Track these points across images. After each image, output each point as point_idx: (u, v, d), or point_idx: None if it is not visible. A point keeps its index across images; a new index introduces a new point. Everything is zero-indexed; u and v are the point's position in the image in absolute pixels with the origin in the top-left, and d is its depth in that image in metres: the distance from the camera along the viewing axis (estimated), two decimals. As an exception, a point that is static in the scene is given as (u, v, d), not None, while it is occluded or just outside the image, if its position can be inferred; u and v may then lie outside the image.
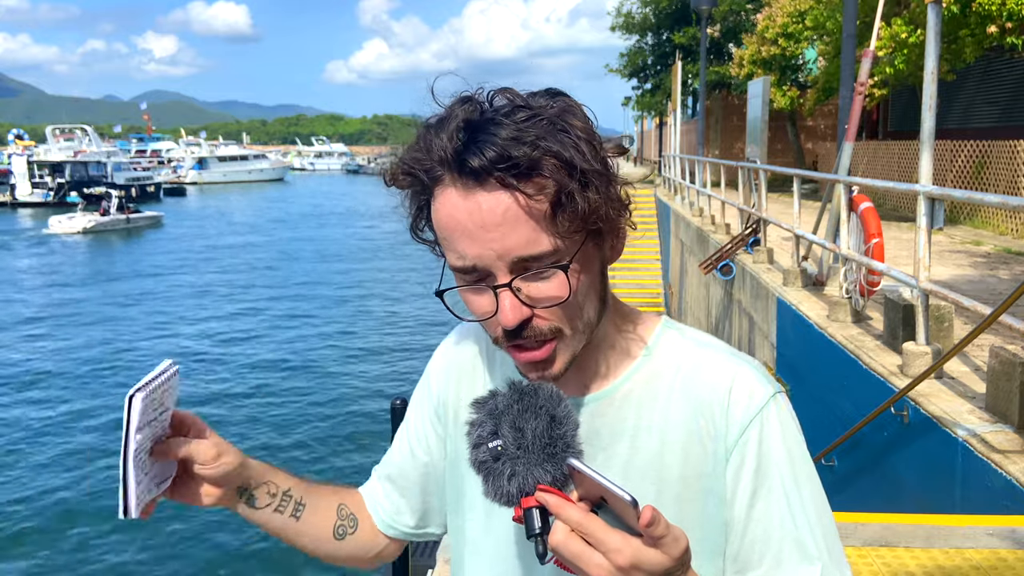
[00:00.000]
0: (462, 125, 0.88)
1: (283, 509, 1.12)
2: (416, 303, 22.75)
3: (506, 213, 0.87)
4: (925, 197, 5.14)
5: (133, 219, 41.52)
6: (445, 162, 0.88)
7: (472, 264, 0.90)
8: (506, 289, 0.90)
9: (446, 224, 0.91)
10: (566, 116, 0.89)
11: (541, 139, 0.86)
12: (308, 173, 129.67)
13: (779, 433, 0.96)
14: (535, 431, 0.84)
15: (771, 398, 0.97)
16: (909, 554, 2.88)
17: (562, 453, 0.83)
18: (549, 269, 0.89)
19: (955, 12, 11.34)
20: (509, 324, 0.90)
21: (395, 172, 0.95)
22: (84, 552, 8.96)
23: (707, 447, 0.97)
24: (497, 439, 0.85)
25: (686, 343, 1.03)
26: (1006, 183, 12.76)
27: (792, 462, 0.96)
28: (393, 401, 4.65)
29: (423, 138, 0.91)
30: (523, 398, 0.86)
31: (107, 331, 19.31)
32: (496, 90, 0.91)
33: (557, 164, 0.86)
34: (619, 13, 35.14)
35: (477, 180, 0.87)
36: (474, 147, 0.86)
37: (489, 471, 0.85)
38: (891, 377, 4.98)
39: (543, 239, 0.88)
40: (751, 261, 9.91)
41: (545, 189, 0.87)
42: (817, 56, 21.24)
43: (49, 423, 12.94)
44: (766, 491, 0.95)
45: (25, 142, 62.69)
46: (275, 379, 15.27)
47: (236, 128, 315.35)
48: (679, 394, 0.99)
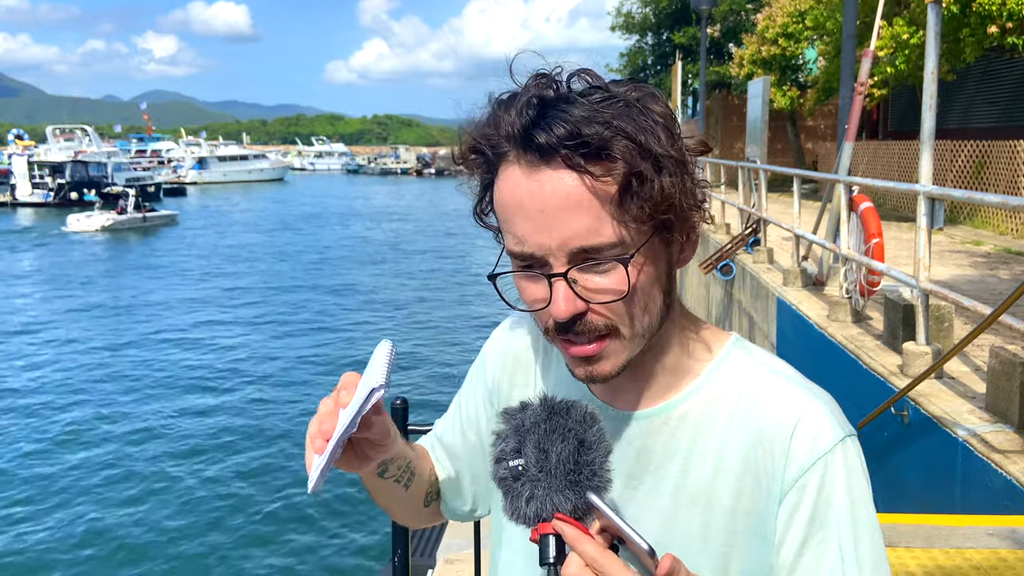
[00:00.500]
0: (534, 101, 0.83)
1: (401, 479, 1.08)
2: (421, 303, 22.77)
3: (569, 196, 0.81)
4: (925, 197, 5.14)
5: (150, 218, 41.91)
6: (512, 138, 0.84)
7: (530, 251, 0.85)
8: (561, 279, 0.84)
9: (507, 204, 0.86)
10: (646, 100, 0.85)
11: (615, 119, 0.81)
12: (308, 173, 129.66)
13: (843, 482, 0.88)
14: (560, 455, 0.79)
15: (839, 442, 0.89)
16: (909, 554, 2.88)
17: (587, 481, 0.79)
18: (609, 262, 0.84)
19: (955, 12, 11.34)
20: (561, 316, 0.85)
21: (463, 149, 0.90)
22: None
23: (762, 484, 0.90)
24: (519, 458, 0.81)
25: (754, 367, 0.95)
26: (1006, 183, 12.76)
27: (853, 516, 0.88)
28: (393, 401, 4.63)
29: (492, 113, 0.87)
30: (552, 417, 0.81)
31: (132, 325, 19.73)
32: (575, 71, 0.86)
33: (629, 145, 0.81)
34: (619, 13, 35.18)
35: (543, 158, 0.82)
36: (543, 123, 0.81)
37: (508, 489, 0.81)
38: (891, 377, 4.98)
39: (607, 228, 0.82)
40: (751, 261, 9.91)
41: (614, 171, 0.81)
42: (817, 56, 21.25)
43: (85, 418, 13.05)
44: (819, 542, 0.88)
45: (25, 142, 62.64)
46: (274, 377, 15.26)
47: (236, 128, 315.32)
48: (739, 421, 0.92)
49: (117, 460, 11.30)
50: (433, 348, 17.60)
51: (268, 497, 10.23)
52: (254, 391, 14.47)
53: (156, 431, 12.43)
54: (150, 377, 15.40)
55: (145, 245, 35.84)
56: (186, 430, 12.49)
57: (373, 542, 9.02)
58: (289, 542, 9.15)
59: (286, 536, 9.27)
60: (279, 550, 8.98)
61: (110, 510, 9.83)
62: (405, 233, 40.90)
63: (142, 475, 10.84)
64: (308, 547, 9.02)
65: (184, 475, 10.87)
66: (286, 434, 12.26)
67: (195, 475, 10.87)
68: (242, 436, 12.25)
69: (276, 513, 9.81)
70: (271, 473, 10.93)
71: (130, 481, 10.65)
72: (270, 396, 14.17)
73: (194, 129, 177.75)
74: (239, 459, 11.41)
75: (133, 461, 11.29)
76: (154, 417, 13.04)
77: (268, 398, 14.08)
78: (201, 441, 12.05)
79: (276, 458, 11.38)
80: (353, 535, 9.28)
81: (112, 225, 39.19)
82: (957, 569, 2.77)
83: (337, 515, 9.72)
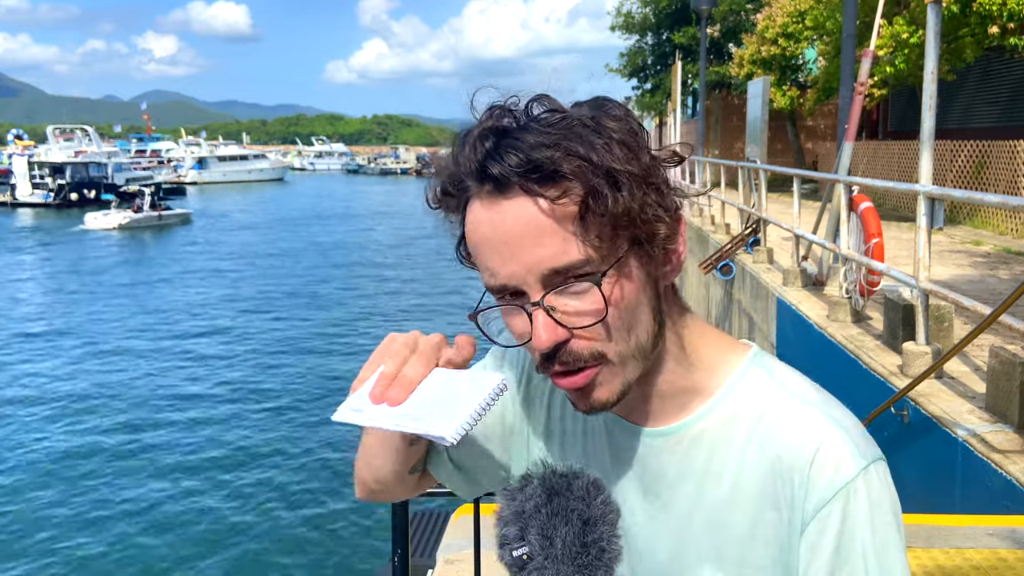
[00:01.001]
0: (486, 133, 0.83)
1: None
2: (423, 299, 22.78)
3: (530, 222, 0.81)
4: (925, 197, 5.14)
5: (164, 216, 43.01)
6: (471, 173, 0.84)
7: (503, 283, 0.84)
8: (538, 308, 0.82)
9: (474, 239, 0.86)
10: (600, 118, 0.83)
11: (564, 139, 0.81)
12: (308, 173, 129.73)
13: (866, 512, 0.85)
14: (565, 539, 0.77)
15: (862, 472, 0.85)
16: (909, 554, 2.88)
17: (595, 561, 0.77)
18: (582, 282, 0.82)
19: (955, 12, 11.34)
20: (543, 346, 0.82)
21: (435, 193, 0.90)
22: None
23: (782, 514, 0.87)
24: (523, 545, 0.78)
25: (774, 387, 0.91)
26: (1006, 183, 12.76)
27: (878, 546, 0.85)
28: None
29: (453, 151, 0.86)
30: (552, 500, 0.79)
31: (156, 318, 20.73)
32: (533, 98, 0.85)
33: (581, 164, 0.80)
34: (619, 13, 35.14)
35: (500, 189, 0.82)
36: (496, 153, 0.81)
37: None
38: (891, 377, 4.98)
39: (572, 248, 0.81)
40: (751, 261, 9.91)
41: (571, 192, 0.80)
42: (817, 56, 21.25)
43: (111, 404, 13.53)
44: (847, 574, 0.85)
45: (24, 142, 62.62)
46: (273, 375, 15.27)
47: (236, 128, 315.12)
48: (756, 446, 0.89)
49: (137, 450, 11.32)
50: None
51: (268, 497, 10.23)
52: (258, 390, 14.47)
53: (165, 422, 12.45)
54: (176, 365, 15.82)
55: (161, 242, 37.08)
56: (189, 426, 12.50)
57: (373, 542, 9.02)
58: (289, 542, 9.15)
59: (286, 536, 9.27)
60: (279, 550, 8.98)
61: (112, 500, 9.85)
62: (405, 232, 40.99)
63: (144, 467, 10.85)
64: (308, 547, 9.02)
65: (183, 475, 10.87)
66: (287, 435, 12.26)
67: (193, 474, 10.88)
68: (242, 437, 12.25)
69: (276, 513, 9.81)
70: (271, 473, 10.94)
71: (128, 475, 10.65)
72: (272, 397, 14.18)
73: (194, 129, 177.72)
74: (240, 458, 11.41)
75: (146, 453, 11.30)
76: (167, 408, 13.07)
77: (270, 399, 14.08)
78: (201, 440, 12.06)
79: (276, 458, 11.38)
80: (353, 535, 9.28)
81: (129, 223, 40.27)
82: (957, 569, 2.77)
83: (337, 515, 9.72)
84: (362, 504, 9.83)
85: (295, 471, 10.87)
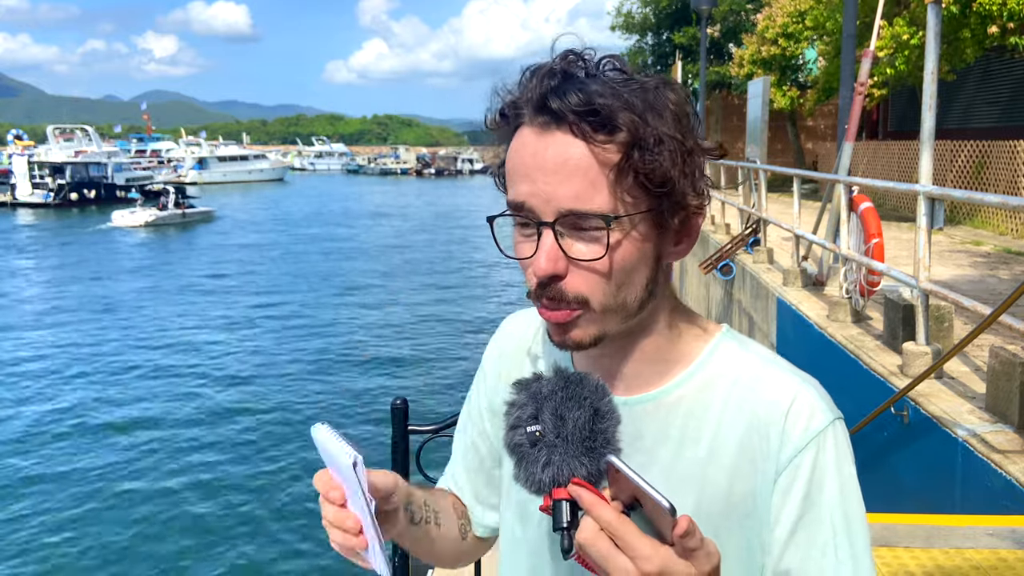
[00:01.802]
0: (555, 71, 0.88)
1: (430, 518, 1.08)
2: (422, 303, 22.77)
3: (568, 161, 0.85)
4: (925, 197, 5.14)
5: (188, 214, 44.80)
6: (529, 102, 0.88)
7: (522, 200, 0.88)
8: (549, 229, 0.86)
9: (513, 160, 0.90)
10: (663, 88, 0.89)
11: (628, 94, 0.85)
12: (308, 173, 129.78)
13: (834, 461, 0.92)
14: (577, 421, 0.81)
15: (830, 424, 0.93)
16: (909, 554, 2.88)
17: (601, 448, 0.81)
18: (596, 230, 0.86)
19: (955, 12, 11.34)
20: (541, 271, 0.87)
21: (493, 115, 0.94)
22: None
23: (757, 466, 0.92)
24: (536, 424, 0.82)
25: (746, 356, 0.98)
26: (1006, 183, 12.76)
27: (843, 494, 0.92)
28: (393, 401, 4.64)
29: (520, 81, 0.91)
30: (568, 386, 0.83)
31: (185, 309, 21.87)
32: (606, 56, 0.90)
33: (634, 119, 0.84)
34: (619, 13, 35.13)
35: (554, 120, 0.86)
36: (560, 91, 0.85)
37: (523, 456, 0.83)
38: (891, 377, 4.98)
39: (600, 196, 0.85)
40: (751, 261, 9.92)
41: (617, 141, 0.84)
42: (817, 56, 21.25)
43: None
44: (811, 519, 0.91)
45: (24, 142, 62.61)
46: (272, 374, 15.27)
47: (236, 128, 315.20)
48: (734, 408, 0.94)
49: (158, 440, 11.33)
50: (432, 348, 17.59)
51: (267, 497, 10.23)
52: (263, 388, 14.48)
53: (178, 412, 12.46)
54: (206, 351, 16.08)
55: (185, 238, 38.91)
56: (188, 423, 12.51)
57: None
58: (289, 542, 9.15)
59: (285, 536, 9.27)
60: (278, 550, 8.98)
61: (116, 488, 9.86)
62: (407, 232, 41.00)
63: (135, 461, 10.86)
64: (308, 547, 9.02)
65: (179, 472, 10.87)
66: (287, 435, 12.26)
67: (190, 472, 10.88)
68: (243, 435, 12.26)
69: (275, 512, 9.81)
70: (271, 472, 10.94)
71: (132, 471, 10.66)
72: (276, 396, 14.18)
73: (194, 129, 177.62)
74: (240, 458, 11.41)
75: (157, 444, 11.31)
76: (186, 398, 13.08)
77: (273, 399, 14.09)
78: (203, 440, 12.06)
79: (278, 456, 11.38)
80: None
81: (155, 220, 42.11)
82: (957, 569, 2.77)
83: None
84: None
85: (295, 471, 10.87)
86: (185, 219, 44.26)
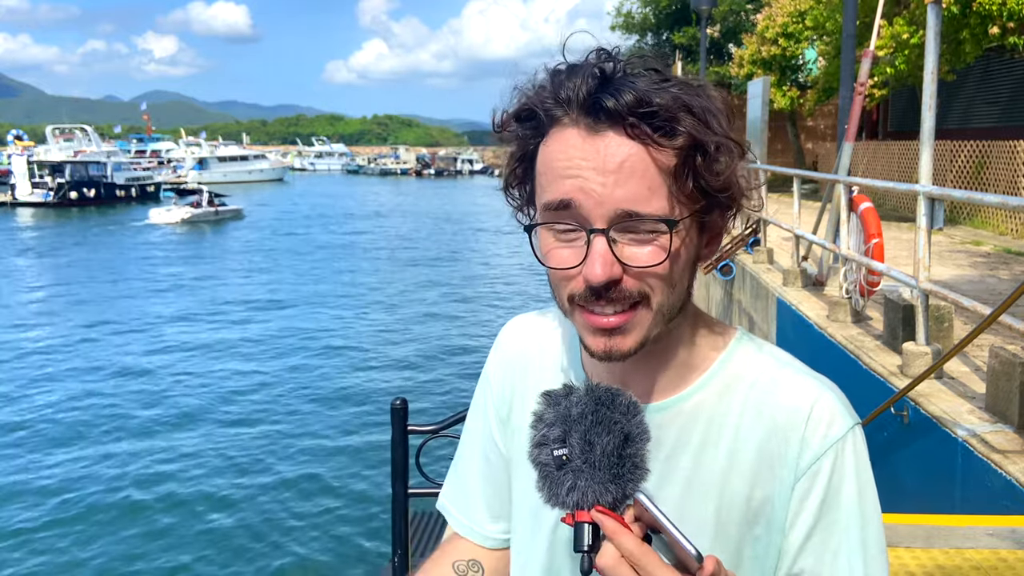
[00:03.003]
0: (600, 69, 0.83)
1: None
2: (423, 298, 22.76)
3: (625, 162, 0.81)
4: (925, 197, 5.14)
5: (220, 211, 47.45)
6: (572, 102, 0.83)
7: (569, 199, 0.82)
8: (601, 236, 0.82)
9: (556, 163, 0.84)
10: (707, 87, 0.86)
11: (684, 94, 0.82)
12: (309, 173, 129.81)
13: (853, 468, 0.91)
14: (605, 448, 0.79)
15: (850, 430, 0.91)
16: (909, 554, 2.88)
17: (628, 474, 0.79)
18: (652, 232, 0.83)
19: (955, 12, 11.33)
20: (596, 279, 0.82)
21: (510, 112, 0.89)
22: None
23: (776, 472, 0.91)
24: (564, 447, 0.80)
25: (764, 358, 0.96)
26: (1006, 183, 12.76)
27: (861, 501, 0.91)
28: (393, 401, 4.64)
29: (550, 80, 0.86)
30: (599, 409, 0.81)
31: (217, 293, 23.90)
32: (637, 52, 0.87)
33: (695, 121, 0.82)
34: (619, 13, 35.14)
35: (609, 122, 0.81)
36: (612, 88, 0.81)
37: (548, 476, 0.81)
38: (891, 377, 4.97)
39: (658, 199, 0.82)
40: (751, 261, 9.91)
41: (675, 144, 0.82)
42: (817, 56, 21.24)
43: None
44: (828, 524, 0.90)
45: (24, 142, 62.62)
46: (272, 373, 15.27)
47: (236, 128, 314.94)
48: (752, 412, 0.93)
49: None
50: (432, 348, 17.59)
51: (267, 496, 10.23)
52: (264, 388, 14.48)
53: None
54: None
55: (219, 234, 41.62)
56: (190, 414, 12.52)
57: (373, 542, 9.01)
58: (288, 542, 9.14)
59: (285, 536, 9.27)
60: (278, 550, 8.97)
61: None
62: (405, 232, 41.03)
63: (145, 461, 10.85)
64: (307, 547, 9.01)
65: (178, 470, 10.87)
66: (287, 435, 12.25)
67: (189, 471, 10.88)
68: (239, 436, 12.25)
69: (274, 512, 9.80)
70: (271, 473, 10.93)
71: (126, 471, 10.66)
72: (279, 396, 14.17)
73: (194, 129, 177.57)
74: (238, 457, 11.41)
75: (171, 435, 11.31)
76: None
77: (274, 399, 14.08)
78: (204, 438, 12.06)
79: (276, 458, 11.38)
80: (353, 535, 9.27)
81: (191, 217, 44.68)
82: (957, 569, 2.77)
83: (337, 515, 9.71)
84: (362, 504, 9.85)
85: (295, 471, 10.87)
86: (218, 216, 46.76)
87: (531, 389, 1.06)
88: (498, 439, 1.12)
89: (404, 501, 2.10)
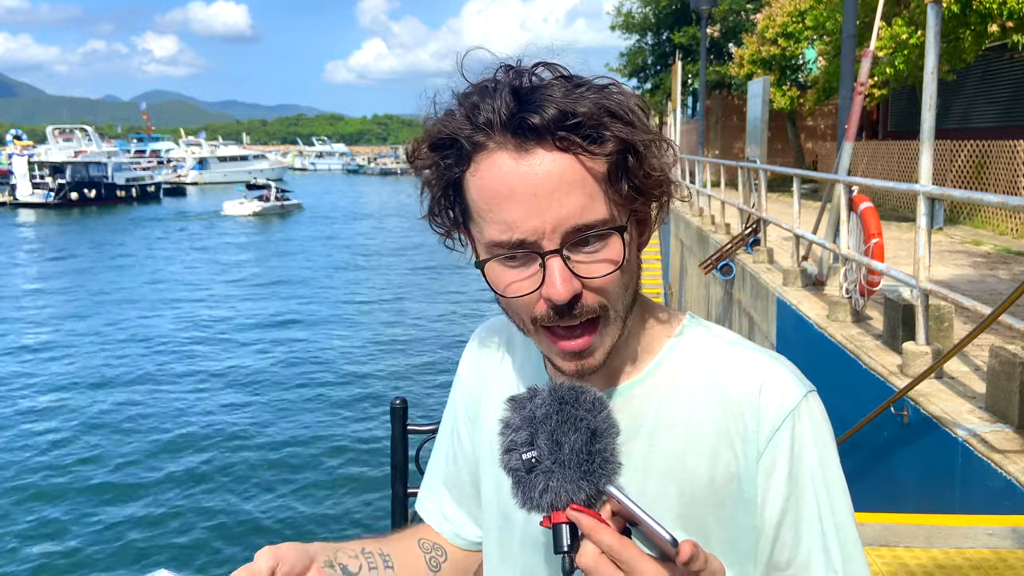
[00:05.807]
0: (516, 86, 0.82)
1: (375, 564, 1.04)
2: (421, 299, 22.77)
3: (563, 176, 0.81)
4: (925, 197, 5.14)
5: (286, 205, 53.16)
6: (495, 125, 0.82)
7: (522, 237, 0.83)
8: (556, 256, 0.83)
9: (493, 191, 0.83)
10: (617, 86, 0.86)
11: (604, 99, 0.82)
12: (309, 173, 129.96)
13: (811, 434, 0.92)
14: (573, 446, 0.79)
15: (803, 398, 0.92)
16: (909, 554, 2.88)
17: (599, 470, 0.79)
18: (603, 238, 0.84)
19: (955, 12, 11.33)
20: (560, 297, 0.83)
21: (425, 144, 0.87)
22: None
23: (737, 449, 0.91)
24: (532, 450, 0.80)
25: (713, 340, 0.97)
26: (1006, 183, 12.76)
27: (823, 465, 0.92)
28: (393, 401, 4.63)
29: (462, 106, 0.85)
30: (563, 408, 0.80)
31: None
32: (538, 63, 0.85)
33: (620, 123, 0.82)
34: (619, 12, 35.13)
35: (536, 140, 0.81)
36: (532, 106, 0.80)
37: (520, 480, 0.81)
38: (891, 377, 4.97)
39: (598, 205, 0.82)
40: (751, 261, 9.91)
41: (604, 150, 0.82)
42: (817, 56, 21.22)
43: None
44: (798, 495, 0.91)
45: (23, 142, 62.63)
46: (271, 374, 15.28)
47: (236, 128, 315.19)
48: (704, 392, 0.93)
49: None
50: (432, 348, 17.59)
51: (267, 495, 10.23)
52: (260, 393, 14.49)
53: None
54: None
55: (286, 225, 47.15)
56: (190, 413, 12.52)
57: (373, 542, 9.01)
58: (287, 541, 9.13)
59: (285, 535, 9.26)
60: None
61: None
62: (407, 232, 41.04)
63: (127, 449, 10.86)
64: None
65: (176, 469, 10.87)
66: (287, 436, 12.26)
67: (187, 470, 10.88)
68: (238, 437, 12.25)
69: (274, 512, 9.81)
70: (270, 471, 10.94)
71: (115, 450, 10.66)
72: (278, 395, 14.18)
73: (194, 129, 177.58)
74: (238, 458, 11.41)
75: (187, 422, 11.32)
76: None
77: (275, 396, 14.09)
78: (204, 438, 12.06)
79: (277, 456, 11.38)
80: (353, 535, 9.26)
81: (261, 211, 50.50)
82: (957, 569, 2.77)
83: (337, 514, 9.72)
84: (362, 503, 9.85)
85: (295, 471, 10.87)
86: (284, 209, 52.29)
87: (496, 389, 1.07)
88: (466, 438, 1.14)
89: (404, 501, 2.11)
